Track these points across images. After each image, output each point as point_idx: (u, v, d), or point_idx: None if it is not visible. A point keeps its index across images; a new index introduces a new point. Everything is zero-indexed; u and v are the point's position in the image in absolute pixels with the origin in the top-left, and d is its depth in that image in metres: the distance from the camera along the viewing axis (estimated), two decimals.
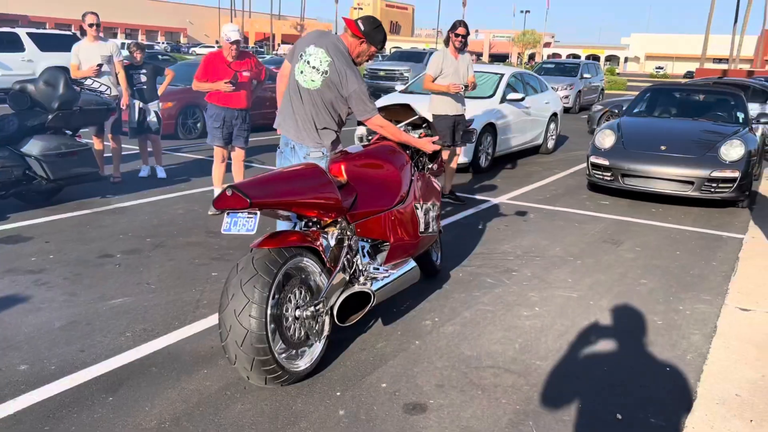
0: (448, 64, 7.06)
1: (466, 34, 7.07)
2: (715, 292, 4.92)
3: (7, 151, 6.10)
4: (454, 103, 7.13)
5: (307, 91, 3.99)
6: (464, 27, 7.06)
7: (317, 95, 3.98)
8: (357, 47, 4.03)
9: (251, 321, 2.92)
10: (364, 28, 3.98)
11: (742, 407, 3.23)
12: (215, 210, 2.90)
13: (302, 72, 4.00)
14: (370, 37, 4.00)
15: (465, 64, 7.16)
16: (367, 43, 4.02)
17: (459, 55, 7.14)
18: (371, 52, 4.10)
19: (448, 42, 7.13)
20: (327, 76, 3.92)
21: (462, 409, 3.10)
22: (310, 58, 3.97)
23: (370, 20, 4.06)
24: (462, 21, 7.11)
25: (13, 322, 3.85)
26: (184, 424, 2.89)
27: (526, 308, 4.41)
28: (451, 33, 7.05)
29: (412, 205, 4.10)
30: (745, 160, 7.37)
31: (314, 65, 3.95)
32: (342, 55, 3.97)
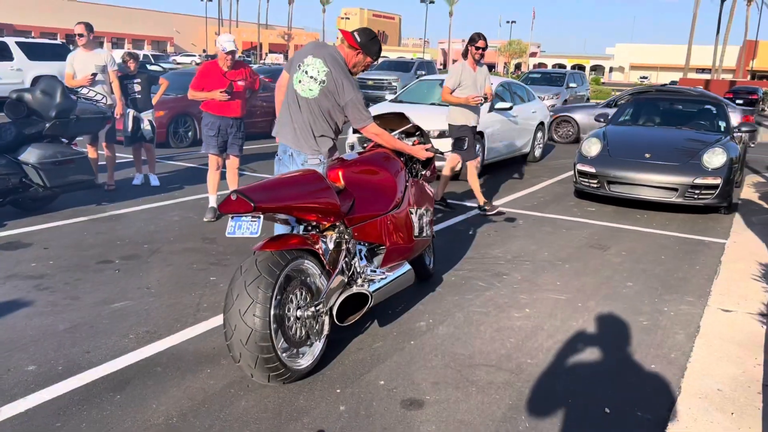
0: (467, 76, 7.14)
1: (485, 47, 7.15)
2: (698, 294, 5.09)
3: (5, 159, 6.19)
4: (472, 114, 7.23)
5: (305, 99, 4.12)
6: (483, 40, 7.13)
7: (315, 104, 4.11)
8: (353, 58, 4.18)
9: (255, 320, 3.04)
10: (360, 40, 4.13)
11: (724, 401, 3.38)
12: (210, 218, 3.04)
13: (300, 81, 4.13)
14: (366, 48, 4.15)
15: (483, 76, 7.26)
16: (363, 54, 4.17)
17: (477, 67, 7.22)
18: (367, 63, 4.24)
19: (467, 54, 7.21)
20: (324, 85, 4.06)
21: (457, 404, 3.24)
22: (308, 68, 4.11)
23: (366, 32, 4.21)
24: (481, 34, 7.17)
25: (18, 325, 3.94)
26: (191, 420, 3.00)
27: (516, 310, 4.55)
28: (471, 46, 7.12)
29: (406, 210, 4.24)
30: (727, 168, 7.59)
31: (312, 75, 4.09)
32: (339, 65, 4.11)
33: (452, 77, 7.19)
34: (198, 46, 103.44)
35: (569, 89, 22.20)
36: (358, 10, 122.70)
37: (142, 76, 8.20)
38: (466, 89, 7.12)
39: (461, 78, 7.15)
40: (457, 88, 7.17)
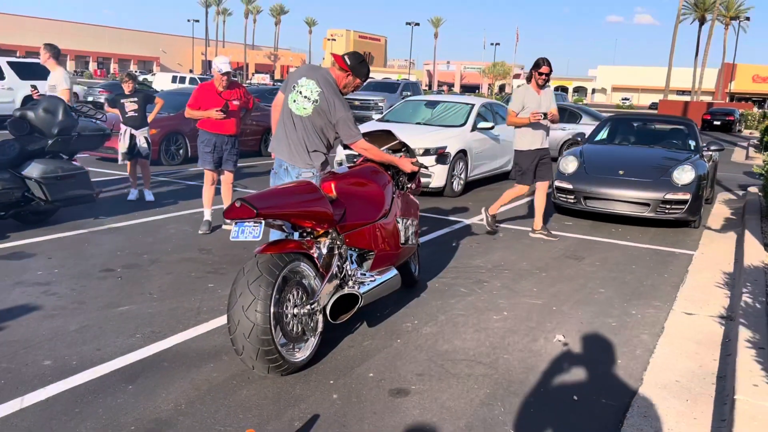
0: (530, 99, 7.20)
1: (549, 72, 7.20)
2: (665, 299, 5.47)
3: (8, 173, 6.47)
4: (538, 137, 7.27)
5: (299, 117, 4.48)
6: (548, 66, 7.17)
7: (308, 121, 4.47)
8: (344, 79, 4.55)
9: (257, 315, 3.36)
10: (350, 63, 4.51)
11: (681, 390, 3.74)
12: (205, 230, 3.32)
13: (295, 101, 4.49)
14: (356, 70, 4.52)
15: (548, 98, 7.28)
16: (353, 76, 4.54)
17: (541, 90, 7.29)
18: (356, 84, 4.62)
19: (531, 79, 7.29)
20: (317, 104, 4.42)
21: (440, 392, 3.57)
22: (302, 89, 4.47)
23: (356, 56, 4.59)
24: (545, 59, 7.20)
25: (31, 326, 4.22)
26: (198, 406, 3.30)
27: (495, 313, 4.90)
28: (535, 71, 7.20)
29: (393, 220, 4.59)
30: (696, 184, 8.03)
31: (306, 95, 4.45)
32: (330, 86, 4.48)
33: (516, 101, 7.28)
34: (184, 66, 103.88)
35: None
36: (344, 32, 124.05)
37: (138, 95, 8.55)
38: (529, 112, 7.13)
39: (524, 101, 7.21)
40: (522, 111, 7.22)
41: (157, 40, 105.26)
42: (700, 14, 68.66)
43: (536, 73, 7.21)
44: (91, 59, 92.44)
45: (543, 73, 7.18)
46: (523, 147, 7.35)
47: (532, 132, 7.27)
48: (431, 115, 11.06)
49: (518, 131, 7.37)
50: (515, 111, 7.27)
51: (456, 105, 11.20)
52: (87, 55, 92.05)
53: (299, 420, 3.21)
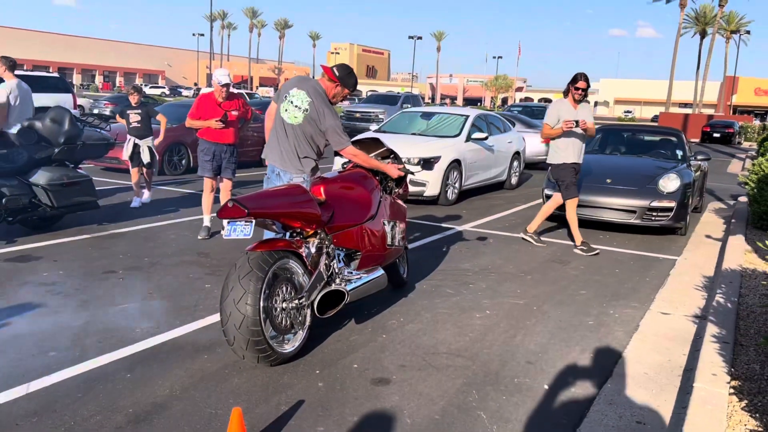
0: (566, 113, 7.18)
1: (586, 88, 7.18)
2: (643, 300, 5.70)
3: (16, 180, 6.74)
4: (573, 151, 7.27)
5: (291, 126, 4.75)
6: (585, 81, 7.14)
7: (299, 129, 4.74)
8: (333, 89, 4.83)
9: (247, 308, 3.60)
10: (338, 74, 4.79)
11: (648, 381, 3.97)
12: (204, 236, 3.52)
13: (287, 110, 4.77)
14: (344, 81, 4.80)
15: (584, 113, 7.24)
16: (341, 86, 4.82)
17: (578, 105, 7.26)
18: (345, 94, 4.90)
19: (567, 93, 7.28)
20: (308, 113, 4.70)
21: (419, 382, 3.80)
22: (293, 99, 4.75)
23: (344, 67, 4.87)
24: (583, 74, 7.18)
25: (36, 321, 4.47)
26: (192, 392, 3.54)
27: (478, 312, 5.14)
28: (572, 86, 7.18)
29: (380, 222, 4.84)
30: (681, 192, 8.26)
31: (297, 104, 4.73)
32: (320, 96, 4.75)
33: (551, 114, 7.30)
34: (189, 79, 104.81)
35: None
36: (348, 45, 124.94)
37: (142, 108, 8.96)
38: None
39: (560, 115, 7.20)
40: (557, 125, 7.22)
41: (163, 53, 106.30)
42: (701, 28, 69.16)
43: (573, 88, 7.19)
44: (98, 73, 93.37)
45: (579, 88, 7.14)
46: (557, 160, 7.35)
47: (565, 145, 7.27)
48: (427, 126, 11.34)
49: (552, 144, 7.38)
50: (550, 124, 7.28)
51: (451, 116, 11.49)
52: (93, 69, 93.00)
53: (285, 404, 3.45)
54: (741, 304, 5.29)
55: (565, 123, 7.06)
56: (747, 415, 3.35)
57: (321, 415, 3.36)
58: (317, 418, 3.32)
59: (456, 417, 3.41)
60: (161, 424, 3.19)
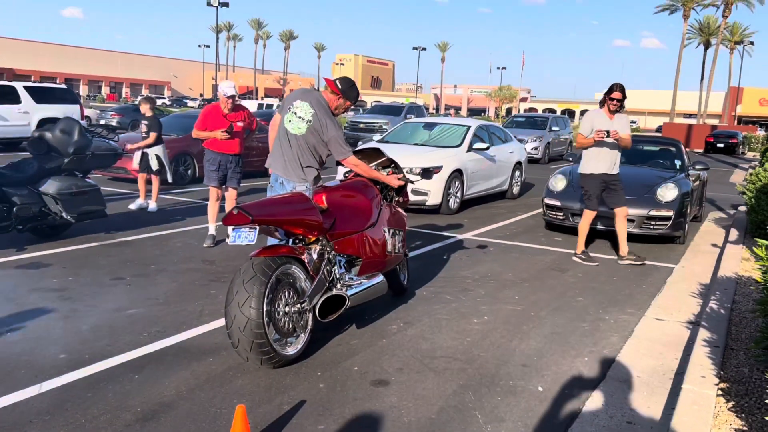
0: (600, 123, 7.16)
1: (621, 99, 7.13)
2: (639, 307, 5.81)
3: (27, 189, 6.91)
4: (604, 161, 7.21)
5: (294, 136, 4.91)
6: (620, 92, 7.11)
7: (302, 140, 4.90)
8: (335, 101, 4.99)
9: (251, 311, 3.74)
10: (341, 87, 4.95)
11: (640, 384, 4.08)
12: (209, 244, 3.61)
13: (290, 121, 4.93)
14: (346, 94, 4.97)
15: (620, 124, 7.21)
16: (343, 99, 4.99)
17: (614, 115, 7.23)
18: (347, 105, 5.07)
19: (603, 104, 7.25)
20: (311, 124, 4.86)
21: (417, 384, 3.93)
22: (297, 110, 4.91)
23: (346, 80, 5.04)
24: (619, 85, 7.16)
25: (47, 326, 4.62)
26: (197, 393, 3.67)
27: (476, 317, 5.26)
28: (607, 96, 7.16)
29: (381, 229, 4.98)
30: (679, 201, 8.38)
31: (300, 116, 4.89)
32: (323, 107, 4.92)
33: (585, 124, 7.30)
34: (195, 90, 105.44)
35: (552, 132, 23.21)
36: (352, 56, 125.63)
37: (150, 118, 9.26)
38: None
39: (594, 125, 7.18)
40: (590, 135, 7.21)
41: (169, 64, 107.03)
42: (705, 39, 69.34)
43: (608, 99, 7.17)
44: (104, 83, 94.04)
45: (614, 99, 7.12)
46: (586, 170, 7.35)
47: (596, 155, 7.26)
48: (429, 137, 11.50)
49: (584, 154, 7.41)
50: (584, 134, 7.28)
51: (453, 126, 11.65)
52: (100, 80, 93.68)
53: (287, 404, 3.58)
54: (734, 310, 5.40)
55: (597, 132, 7.05)
56: (733, 415, 3.47)
57: (322, 414, 3.49)
58: (318, 418, 3.45)
59: (452, 417, 3.53)
60: (168, 423, 3.32)
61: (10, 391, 3.58)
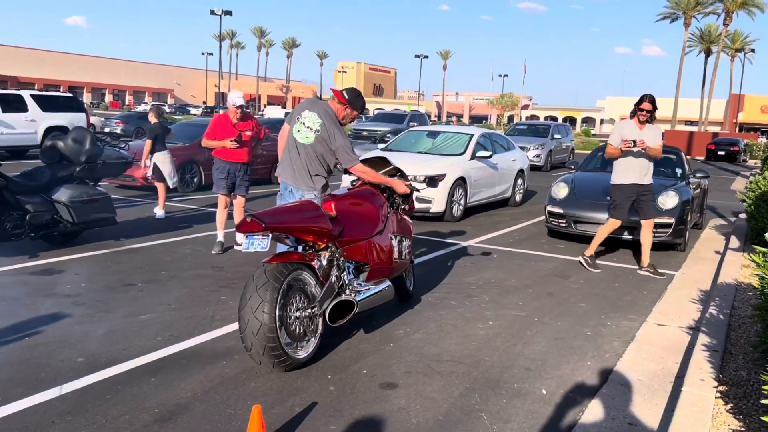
0: (629, 133, 7.20)
1: (651, 109, 7.15)
2: (640, 312, 5.92)
3: (40, 197, 7.06)
4: (635, 172, 7.24)
5: (303, 145, 5.05)
6: (650, 103, 7.13)
7: (311, 149, 5.04)
8: (342, 111, 5.14)
9: (264, 316, 3.87)
10: (348, 97, 5.11)
11: (641, 387, 4.20)
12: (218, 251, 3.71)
13: (299, 131, 5.07)
14: (353, 104, 5.12)
15: (651, 134, 7.21)
16: (350, 109, 5.14)
17: (645, 125, 7.26)
18: (353, 115, 5.22)
19: (634, 114, 7.29)
20: (319, 133, 5.00)
21: (424, 386, 4.05)
22: (305, 120, 5.05)
23: (353, 91, 5.19)
24: (649, 95, 7.18)
25: (64, 331, 4.75)
26: (212, 395, 3.80)
27: (481, 322, 5.38)
28: (637, 107, 7.23)
29: (387, 236, 5.11)
30: (679, 209, 8.50)
31: (309, 126, 5.03)
32: (330, 117, 5.06)
33: (615, 134, 7.35)
34: (198, 97, 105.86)
35: (554, 140, 23.35)
36: (354, 64, 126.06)
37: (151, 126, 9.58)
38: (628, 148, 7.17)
39: (623, 135, 7.21)
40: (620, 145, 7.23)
41: (171, 72, 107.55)
42: (706, 46, 69.55)
43: (638, 109, 7.23)
44: (107, 91, 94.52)
45: (644, 110, 7.17)
46: (617, 180, 7.39)
47: (627, 165, 7.29)
48: (432, 145, 11.64)
49: (614, 165, 7.45)
50: (613, 144, 7.32)
51: (456, 135, 11.80)
52: (103, 88, 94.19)
53: (299, 406, 3.70)
54: (733, 315, 5.52)
55: (624, 142, 7.09)
56: (731, 416, 3.58)
57: (333, 415, 3.61)
58: (329, 419, 3.57)
59: (459, 418, 3.65)
60: (185, 423, 3.44)
61: (31, 392, 3.71)
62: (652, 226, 7.56)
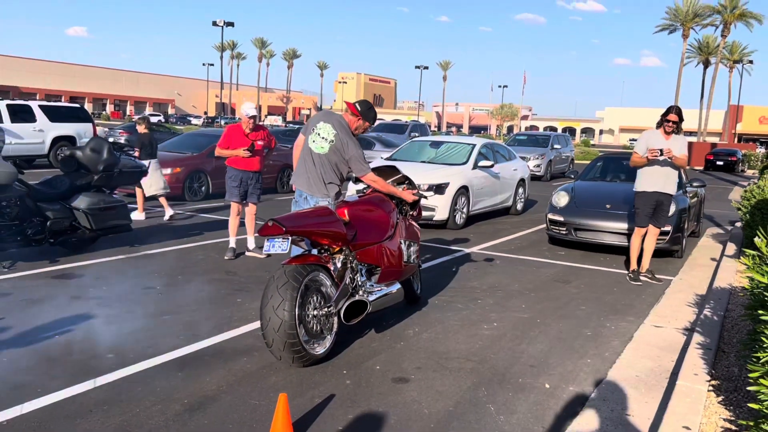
0: (655, 143, 7.32)
1: (677, 121, 7.29)
2: (639, 315, 6.18)
3: (59, 205, 7.33)
4: (657, 180, 7.38)
5: (318, 155, 5.34)
6: (676, 114, 7.27)
7: (325, 158, 5.32)
8: (355, 123, 5.43)
9: (285, 313, 4.13)
10: (360, 109, 5.39)
11: (638, 382, 4.45)
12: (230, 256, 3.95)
13: (314, 141, 5.36)
14: (365, 115, 5.41)
15: (677, 144, 7.34)
16: (362, 120, 5.42)
17: (671, 136, 7.39)
18: (366, 126, 5.50)
19: (660, 125, 7.43)
20: (333, 143, 5.28)
21: (434, 381, 4.30)
22: (320, 131, 5.34)
23: (365, 103, 5.48)
24: (675, 107, 7.33)
25: (91, 330, 5.01)
26: (237, 387, 4.05)
27: (486, 324, 5.64)
28: (663, 118, 7.35)
29: (397, 241, 5.38)
30: (676, 217, 8.77)
31: (323, 136, 5.32)
32: (344, 128, 5.35)
33: (640, 143, 7.50)
34: (199, 108, 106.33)
35: (554, 150, 23.66)
36: (355, 75, 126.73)
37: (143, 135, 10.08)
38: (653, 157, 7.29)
39: (649, 144, 7.34)
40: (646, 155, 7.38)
41: (173, 83, 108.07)
42: (704, 57, 70.08)
43: (664, 120, 7.37)
44: (109, 101, 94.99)
45: (670, 121, 7.31)
46: (639, 188, 7.55)
47: (650, 173, 7.44)
48: (436, 154, 11.94)
49: (638, 173, 7.58)
50: (639, 153, 7.47)
51: (459, 145, 12.09)
52: (104, 98, 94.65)
53: (319, 398, 3.96)
54: (727, 317, 5.78)
55: (650, 151, 7.20)
56: (722, 407, 3.84)
57: (350, 406, 3.86)
58: (347, 409, 3.82)
59: (468, 409, 3.90)
60: (214, 412, 3.70)
61: (68, 385, 3.96)
62: (657, 234, 7.77)
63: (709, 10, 60.44)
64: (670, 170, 7.48)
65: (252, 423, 3.60)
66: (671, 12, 62.22)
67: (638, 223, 7.67)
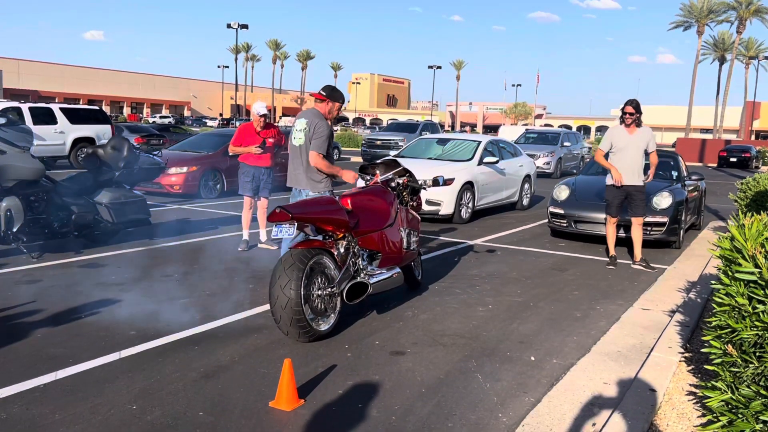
0: (620, 139, 7.73)
1: (632, 113, 7.66)
2: (628, 299, 6.52)
3: (83, 200, 7.80)
4: (625, 174, 7.75)
5: (297, 148, 5.87)
6: (630, 106, 7.67)
7: (304, 148, 5.86)
8: (325, 107, 5.92)
9: (291, 292, 4.53)
10: (325, 93, 5.90)
11: (619, 356, 4.80)
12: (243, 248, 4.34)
13: (294, 137, 5.90)
14: (331, 96, 5.93)
15: (643, 139, 7.74)
16: (330, 102, 5.89)
17: (636, 129, 7.78)
18: (337, 107, 5.98)
19: (623, 119, 7.83)
20: (306, 131, 5.81)
21: (429, 354, 4.68)
22: (296, 126, 5.91)
23: (328, 87, 6.02)
24: (631, 101, 7.70)
25: (115, 311, 5.45)
26: (248, 359, 4.46)
27: (482, 306, 6.01)
28: (621, 111, 7.82)
29: (397, 229, 5.77)
30: (673, 208, 9.07)
31: (299, 128, 5.89)
32: (316, 115, 5.89)
33: (605, 141, 7.92)
34: (214, 110, 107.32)
35: (564, 147, 23.90)
36: (368, 75, 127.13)
37: None
38: (619, 152, 7.75)
39: (613, 140, 7.75)
40: (611, 151, 7.85)
41: (188, 85, 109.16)
42: (720, 54, 69.83)
43: (622, 113, 7.77)
44: (125, 104, 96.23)
45: (625, 113, 7.71)
46: (609, 181, 7.98)
47: (619, 167, 7.81)
48: (442, 151, 12.31)
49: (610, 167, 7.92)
50: (603, 150, 7.91)
51: (464, 142, 12.45)
52: (121, 101, 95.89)
53: (322, 367, 4.36)
54: (710, 300, 6.09)
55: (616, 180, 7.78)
56: (691, 375, 4.19)
57: (350, 374, 4.26)
58: (347, 376, 4.22)
59: (457, 377, 4.28)
60: (227, 378, 4.11)
61: (96, 356, 4.40)
62: (641, 224, 8.11)
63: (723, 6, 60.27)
64: (638, 163, 7.78)
65: (261, 387, 4.01)
66: (686, 9, 62.08)
67: (608, 213, 8.10)
